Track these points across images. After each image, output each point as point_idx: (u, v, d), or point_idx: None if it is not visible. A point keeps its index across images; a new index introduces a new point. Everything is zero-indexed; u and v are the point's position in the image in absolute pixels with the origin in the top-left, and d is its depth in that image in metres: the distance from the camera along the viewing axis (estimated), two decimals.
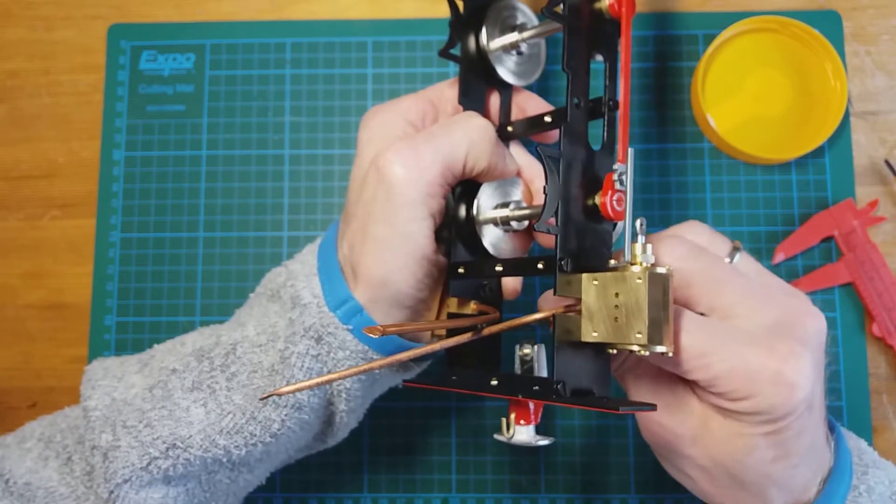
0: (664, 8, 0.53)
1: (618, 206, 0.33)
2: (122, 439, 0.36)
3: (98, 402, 0.38)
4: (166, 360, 0.39)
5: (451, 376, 0.37)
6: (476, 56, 0.40)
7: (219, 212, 0.52)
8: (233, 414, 0.36)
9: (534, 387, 0.33)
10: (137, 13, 0.54)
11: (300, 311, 0.37)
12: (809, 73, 0.51)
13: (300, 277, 0.38)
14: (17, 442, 0.40)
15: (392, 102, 0.39)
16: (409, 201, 0.35)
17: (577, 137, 0.34)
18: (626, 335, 0.31)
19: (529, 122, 0.40)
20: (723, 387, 0.31)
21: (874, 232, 0.50)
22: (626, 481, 0.48)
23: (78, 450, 0.38)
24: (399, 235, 0.35)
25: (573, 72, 0.34)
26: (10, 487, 0.38)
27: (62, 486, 0.38)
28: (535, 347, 0.37)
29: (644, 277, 0.30)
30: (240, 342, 0.38)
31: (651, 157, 0.51)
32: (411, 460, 0.49)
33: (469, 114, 0.38)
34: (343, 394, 0.38)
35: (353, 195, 0.38)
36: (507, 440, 0.35)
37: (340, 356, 0.37)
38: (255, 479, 0.41)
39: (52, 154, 0.53)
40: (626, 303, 0.31)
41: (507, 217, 0.37)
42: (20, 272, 0.52)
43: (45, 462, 0.38)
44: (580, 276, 0.32)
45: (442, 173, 0.35)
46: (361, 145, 0.38)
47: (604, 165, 0.34)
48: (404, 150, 0.35)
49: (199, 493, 0.39)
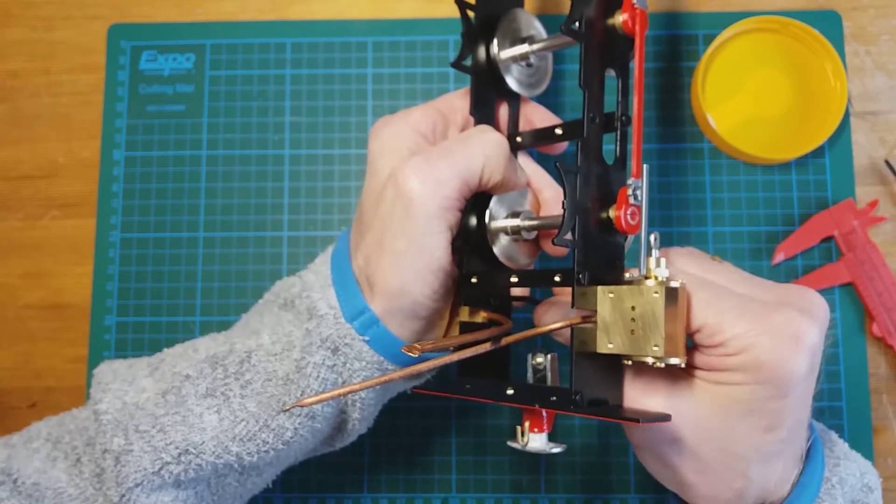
0: (664, 8, 0.53)
1: (632, 220, 0.33)
2: (135, 444, 0.36)
3: (109, 405, 0.38)
4: (179, 365, 0.39)
5: (465, 384, 0.38)
6: (486, 67, 0.41)
7: (219, 212, 0.52)
8: (246, 421, 0.37)
9: (551, 397, 0.33)
10: (137, 13, 0.54)
11: (317, 322, 0.37)
12: (809, 73, 0.51)
13: (315, 288, 0.38)
14: (23, 442, 0.40)
15: (402, 113, 0.39)
16: (427, 215, 0.35)
17: (593, 152, 0.34)
18: (642, 347, 0.31)
19: (538, 134, 0.41)
20: (729, 332, 0.31)
21: (874, 232, 0.50)
22: (626, 481, 0.48)
23: (87, 452, 0.38)
24: (417, 249, 0.35)
25: (589, 88, 0.34)
26: (18, 487, 0.38)
27: (71, 488, 0.38)
28: (548, 357, 0.37)
29: (661, 291, 0.31)
30: (255, 350, 0.38)
31: (651, 157, 0.51)
32: (411, 460, 0.49)
33: (483, 128, 0.38)
34: (357, 403, 0.38)
35: (367, 208, 0.38)
36: (521, 448, 0.35)
37: (356, 367, 0.37)
38: (262, 482, 0.41)
39: (53, 154, 0.53)
40: (643, 315, 0.31)
41: (519, 227, 0.38)
42: (20, 272, 0.52)
43: (53, 463, 0.38)
44: (595, 289, 0.33)
45: (459, 188, 0.36)
46: (373, 157, 0.38)
47: (616, 179, 0.35)
48: (422, 165, 0.35)
49: (207, 496, 0.39)
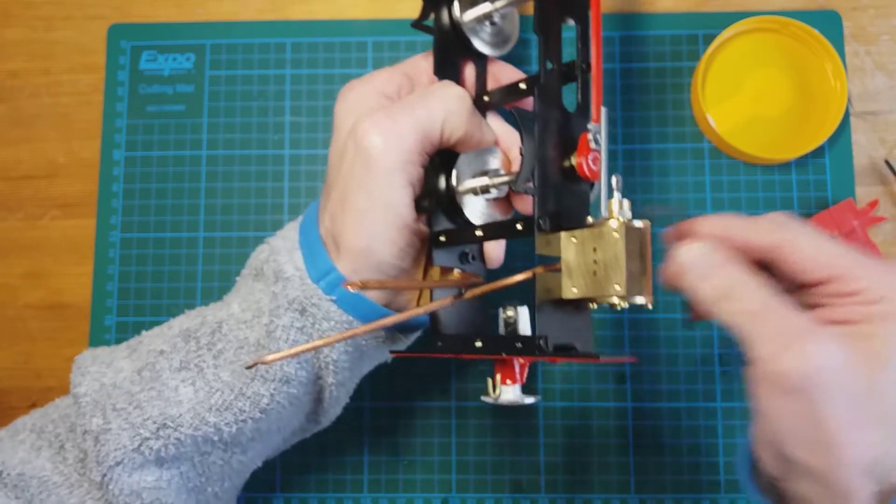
0: (664, 8, 0.53)
1: (594, 166, 0.33)
2: (113, 422, 0.37)
3: (88, 387, 0.38)
4: (153, 343, 0.39)
5: (437, 342, 0.38)
6: (450, 28, 0.40)
7: (219, 212, 0.52)
8: (221, 391, 0.37)
9: (517, 344, 0.33)
10: (137, 13, 0.54)
11: (283, 285, 0.37)
12: (809, 73, 0.51)
13: (282, 252, 0.38)
14: (9, 435, 0.40)
15: (367, 76, 0.39)
16: (387, 169, 0.35)
17: (552, 99, 0.34)
18: (604, 288, 0.31)
19: (505, 91, 0.40)
20: (866, 281, 0.29)
21: (874, 232, 0.50)
22: (626, 481, 0.48)
23: (70, 437, 0.39)
24: (379, 204, 0.35)
25: (545, 35, 0.35)
26: (3, 479, 0.38)
27: (55, 475, 0.38)
28: (518, 309, 0.37)
29: (621, 232, 0.31)
30: (225, 320, 0.38)
31: (651, 157, 0.51)
32: (411, 460, 0.49)
33: (445, 83, 0.38)
34: (331, 366, 0.38)
35: (332, 168, 0.38)
36: (493, 401, 0.35)
37: (325, 327, 0.37)
38: (249, 462, 0.41)
39: (52, 154, 0.53)
40: (605, 257, 0.31)
41: (487, 185, 0.37)
42: (20, 272, 0.52)
43: (37, 452, 0.38)
44: (559, 235, 0.33)
45: (419, 141, 0.36)
46: (338, 118, 0.38)
47: (579, 127, 0.34)
48: (381, 119, 0.35)
49: (193, 476, 0.39)
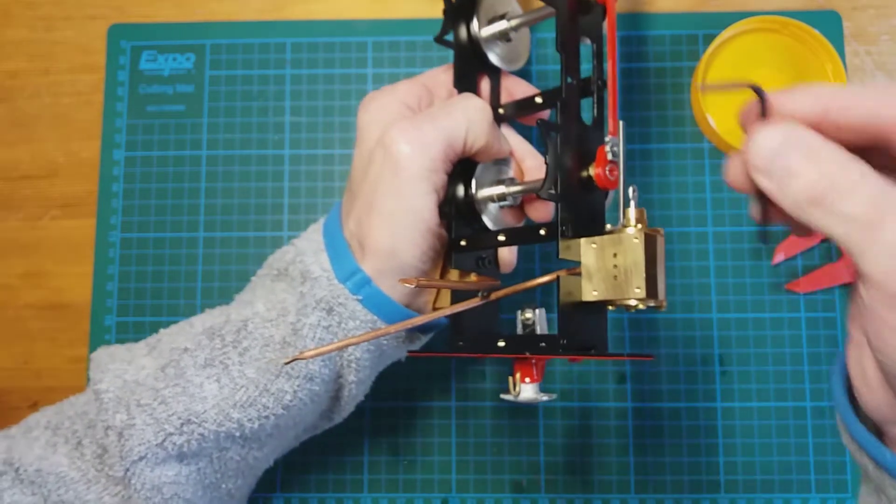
0: (664, 8, 0.53)
1: (611, 176, 0.35)
2: (137, 417, 0.37)
3: (109, 384, 0.39)
4: (176, 340, 0.40)
5: (458, 342, 0.39)
6: (468, 43, 0.42)
7: (219, 212, 0.52)
8: (246, 387, 0.38)
9: (540, 343, 0.35)
10: (137, 13, 0.54)
11: (311, 285, 0.38)
12: (809, 73, 0.51)
13: (308, 253, 0.39)
14: (22, 432, 0.40)
15: (389, 87, 0.41)
16: (414, 176, 0.37)
17: (571, 113, 0.36)
18: (625, 291, 0.33)
19: (520, 105, 0.42)
20: None
21: None
22: (626, 481, 0.48)
23: (88, 434, 0.39)
24: (406, 209, 0.37)
25: (566, 53, 0.36)
26: (20, 476, 0.38)
27: (73, 471, 0.38)
28: (537, 311, 0.38)
29: (640, 238, 0.32)
30: (250, 318, 0.39)
31: (651, 157, 0.51)
32: (411, 460, 0.49)
33: (467, 95, 0.40)
34: (353, 364, 0.39)
35: (357, 174, 0.40)
36: (514, 398, 0.36)
37: (351, 326, 0.38)
38: (263, 459, 0.42)
39: (52, 154, 0.53)
40: (625, 262, 0.33)
41: (504, 193, 0.40)
42: (20, 272, 0.52)
43: (53, 448, 0.39)
44: (578, 241, 0.34)
45: (444, 150, 0.37)
46: (362, 128, 0.40)
47: (595, 140, 0.36)
48: (409, 128, 0.37)
49: (209, 472, 0.39)
